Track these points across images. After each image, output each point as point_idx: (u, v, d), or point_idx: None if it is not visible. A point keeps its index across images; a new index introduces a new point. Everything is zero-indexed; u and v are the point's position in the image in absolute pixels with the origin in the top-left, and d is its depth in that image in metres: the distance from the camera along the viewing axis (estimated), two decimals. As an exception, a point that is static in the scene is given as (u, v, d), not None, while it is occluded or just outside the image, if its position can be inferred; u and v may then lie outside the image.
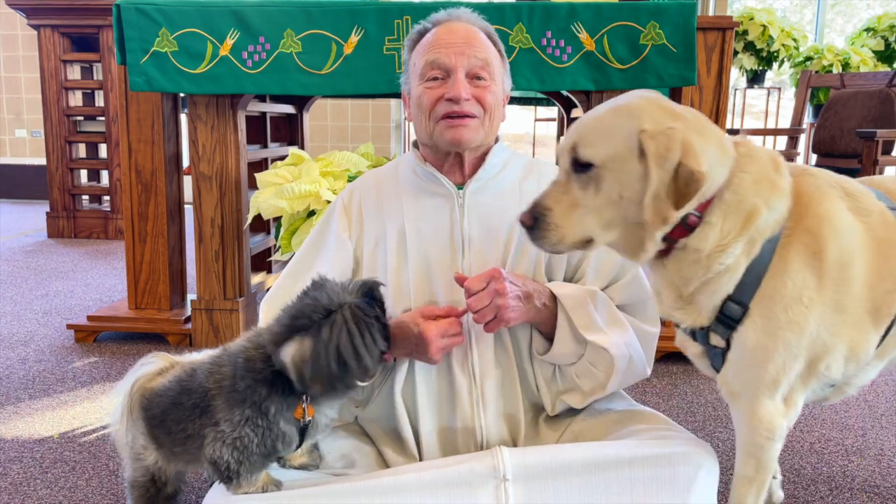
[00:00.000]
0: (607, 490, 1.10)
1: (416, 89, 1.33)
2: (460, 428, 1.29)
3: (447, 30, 1.32)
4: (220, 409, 1.12)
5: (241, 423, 1.10)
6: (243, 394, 1.11)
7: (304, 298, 1.12)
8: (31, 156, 6.96)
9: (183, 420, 1.16)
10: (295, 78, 2.30)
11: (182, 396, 1.17)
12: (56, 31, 4.56)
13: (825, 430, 1.98)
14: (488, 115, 1.31)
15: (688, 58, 2.24)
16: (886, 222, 1.16)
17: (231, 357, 1.17)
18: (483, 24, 1.37)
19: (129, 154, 2.61)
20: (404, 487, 1.09)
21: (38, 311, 3.09)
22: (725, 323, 1.12)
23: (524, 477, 1.10)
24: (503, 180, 1.38)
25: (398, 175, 1.42)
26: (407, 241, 1.33)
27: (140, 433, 1.25)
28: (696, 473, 1.12)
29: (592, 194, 1.07)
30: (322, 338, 1.06)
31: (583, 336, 1.26)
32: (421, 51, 1.33)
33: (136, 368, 1.29)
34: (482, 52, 1.31)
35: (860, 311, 1.12)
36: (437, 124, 1.30)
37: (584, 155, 1.06)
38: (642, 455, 1.12)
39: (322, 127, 6.77)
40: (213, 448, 1.11)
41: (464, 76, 1.28)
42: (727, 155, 1.08)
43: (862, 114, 3.82)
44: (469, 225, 1.33)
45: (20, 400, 2.12)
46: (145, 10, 2.27)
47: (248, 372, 1.12)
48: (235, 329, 2.58)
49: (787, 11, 6.78)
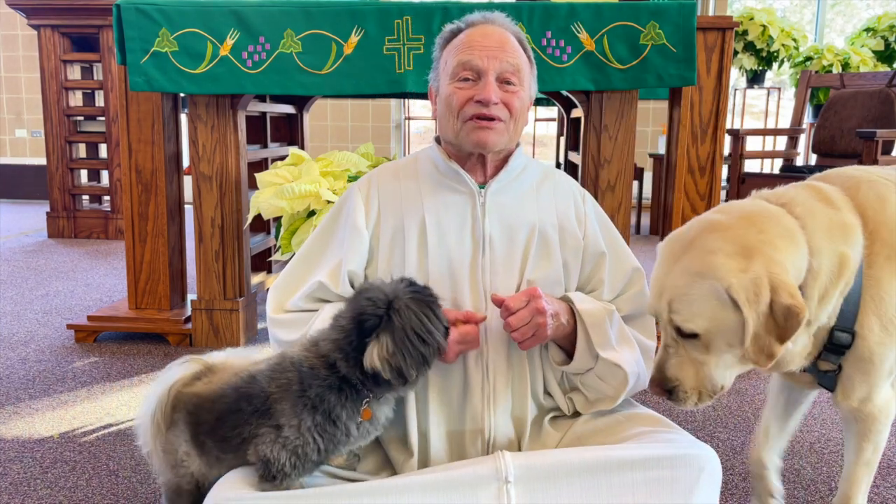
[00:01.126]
0: (609, 492, 1.11)
1: (445, 88, 1.34)
2: (469, 426, 1.30)
3: (482, 33, 1.33)
4: (284, 414, 1.13)
5: (309, 429, 1.12)
6: (314, 401, 1.12)
7: (360, 301, 1.14)
8: (31, 156, 6.97)
9: (240, 425, 1.16)
10: (295, 78, 2.30)
11: (241, 402, 1.17)
12: (56, 31, 4.57)
13: (825, 430, 1.98)
14: (514, 120, 1.34)
15: (688, 58, 2.24)
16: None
17: (294, 364, 1.17)
18: (515, 30, 1.38)
19: (129, 154, 2.61)
20: (406, 488, 1.10)
21: (38, 311, 3.09)
22: (835, 351, 1.17)
23: (526, 479, 1.11)
24: (522, 183, 1.40)
25: (418, 168, 1.42)
26: (428, 235, 1.33)
27: (184, 440, 1.23)
28: (698, 476, 1.12)
29: (706, 353, 1.12)
30: (396, 326, 1.09)
31: (597, 353, 1.28)
32: (453, 50, 1.34)
33: (170, 372, 1.26)
34: (514, 57, 1.33)
35: None
36: (465, 124, 1.31)
37: (687, 329, 1.10)
38: (644, 457, 1.12)
39: (322, 127, 6.78)
40: (270, 449, 1.12)
41: (494, 79, 1.30)
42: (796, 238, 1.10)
43: (862, 114, 3.82)
44: (490, 224, 1.34)
45: (20, 400, 2.12)
46: (145, 10, 2.27)
47: (314, 380, 1.13)
48: (235, 329, 2.58)
49: (787, 11, 6.79)
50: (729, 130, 3.79)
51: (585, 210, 1.42)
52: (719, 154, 2.45)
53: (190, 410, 1.22)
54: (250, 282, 2.69)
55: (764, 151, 5.11)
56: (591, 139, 2.39)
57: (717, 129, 2.44)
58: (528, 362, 1.33)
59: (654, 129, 6.55)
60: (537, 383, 1.35)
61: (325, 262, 1.38)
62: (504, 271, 1.32)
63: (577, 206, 1.42)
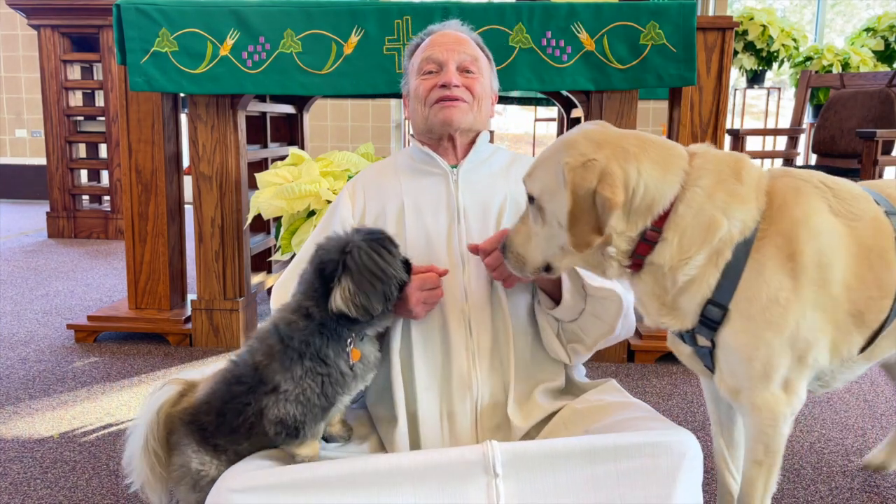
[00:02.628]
0: (595, 484, 1.13)
1: (413, 83, 1.50)
2: (455, 383, 1.36)
3: (440, 35, 1.51)
4: (277, 372, 1.19)
5: (302, 376, 1.19)
6: (299, 349, 1.20)
7: (318, 253, 1.23)
8: (31, 156, 6.97)
9: (243, 409, 1.20)
10: (295, 78, 2.31)
11: (234, 388, 1.22)
12: (56, 31, 4.57)
13: (825, 430, 1.98)
14: (477, 102, 1.47)
15: (688, 58, 2.24)
16: (877, 229, 1.17)
17: (271, 330, 1.24)
18: (472, 34, 1.55)
19: (129, 154, 2.61)
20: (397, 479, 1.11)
21: (38, 311, 3.09)
22: (708, 325, 1.16)
23: (515, 471, 1.13)
24: (492, 165, 1.52)
25: (397, 162, 1.56)
26: (405, 215, 1.44)
27: (192, 452, 1.22)
28: (679, 462, 1.14)
29: (540, 224, 1.17)
30: (352, 269, 1.18)
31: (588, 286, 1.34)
32: (418, 54, 1.51)
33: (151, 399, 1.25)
34: (471, 50, 1.49)
35: (841, 312, 1.14)
36: (432, 108, 1.45)
37: (528, 188, 1.19)
38: (626, 444, 1.14)
39: (322, 127, 6.78)
40: (277, 409, 1.19)
41: (455, 68, 1.46)
42: (673, 171, 1.12)
43: (862, 114, 3.82)
44: (463, 197, 1.45)
45: (20, 400, 2.12)
46: (145, 10, 2.27)
47: (295, 332, 1.21)
48: (235, 329, 2.58)
49: (787, 11, 6.78)
50: (729, 130, 3.79)
51: None
52: (719, 154, 2.45)
53: (187, 422, 1.23)
54: (250, 282, 2.69)
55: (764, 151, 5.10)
56: (591, 139, 2.38)
57: (717, 129, 2.44)
58: (513, 321, 1.40)
59: (654, 129, 6.55)
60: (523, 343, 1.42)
61: None
62: (479, 237, 1.40)
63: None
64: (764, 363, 1.13)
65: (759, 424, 1.18)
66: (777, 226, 1.13)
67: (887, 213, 1.20)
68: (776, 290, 1.10)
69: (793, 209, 1.13)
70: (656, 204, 1.11)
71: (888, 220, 1.18)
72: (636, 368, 2.44)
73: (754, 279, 1.11)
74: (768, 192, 1.16)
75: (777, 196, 1.15)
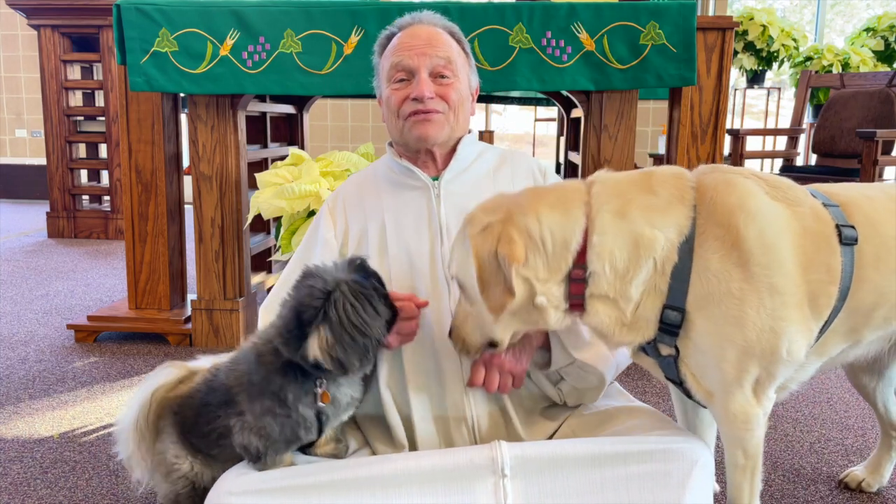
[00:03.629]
0: (603, 486, 1.11)
1: (384, 91, 1.40)
2: (451, 412, 1.31)
3: (410, 33, 1.38)
4: (244, 402, 1.18)
5: (261, 413, 1.16)
6: (260, 386, 1.17)
7: (301, 289, 1.16)
8: (31, 156, 6.97)
9: (213, 420, 1.20)
10: (295, 78, 2.31)
11: (209, 396, 1.21)
12: (56, 31, 4.56)
13: (825, 430, 1.98)
14: (453, 111, 1.37)
15: (688, 58, 2.24)
16: (818, 216, 1.16)
17: (245, 355, 1.22)
18: (446, 24, 1.42)
19: (129, 154, 2.61)
20: (404, 480, 1.10)
21: (38, 311, 3.09)
22: (668, 331, 1.13)
23: (522, 472, 1.12)
24: (477, 170, 1.44)
25: (377, 174, 1.47)
26: (387, 234, 1.38)
27: (171, 442, 1.24)
28: (691, 469, 1.13)
29: (469, 303, 1.17)
30: (331, 318, 1.11)
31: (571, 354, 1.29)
32: (387, 55, 1.39)
33: (151, 379, 1.27)
34: (444, 51, 1.37)
35: (798, 293, 1.11)
36: (405, 122, 1.36)
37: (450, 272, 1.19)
38: (637, 451, 1.13)
39: (322, 127, 6.78)
40: (241, 436, 1.17)
41: (427, 75, 1.34)
42: (573, 208, 1.13)
43: (862, 114, 3.82)
44: (446, 213, 1.38)
45: (20, 400, 2.12)
46: (145, 10, 2.27)
47: (261, 366, 1.18)
48: (235, 329, 2.58)
49: (787, 11, 6.78)
50: (729, 130, 3.79)
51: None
52: (719, 154, 2.45)
53: (175, 411, 1.24)
54: (250, 282, 2.69)
55: (764, 151, 5.10)
56: (591, 139, 2.39)
57: (717, 129, 2.44)
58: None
59: (654, 129, 6.55)
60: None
61: None
62: None
63: (538, 183, 1.44)
64: (733, 364, 1.11)
65: (734, 430, 1.16)
66: (714, 217, 1.11)
67: (825, 204, 1.19)
68: (727, 283, 1.08)
69: (726, 198, 1.12)
70: (568, 242, 1.11)
71: (826, 211, 1.17)
72: (635, 368, 2.43)
73: (703, 276, 1.10)
74: (697, 188, 1.14)
75: (707, 190, 1.14)
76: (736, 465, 1.19)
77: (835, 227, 1.15)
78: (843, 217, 1.17)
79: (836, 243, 1.14)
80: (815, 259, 1.12)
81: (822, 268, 1.12)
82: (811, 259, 1.12)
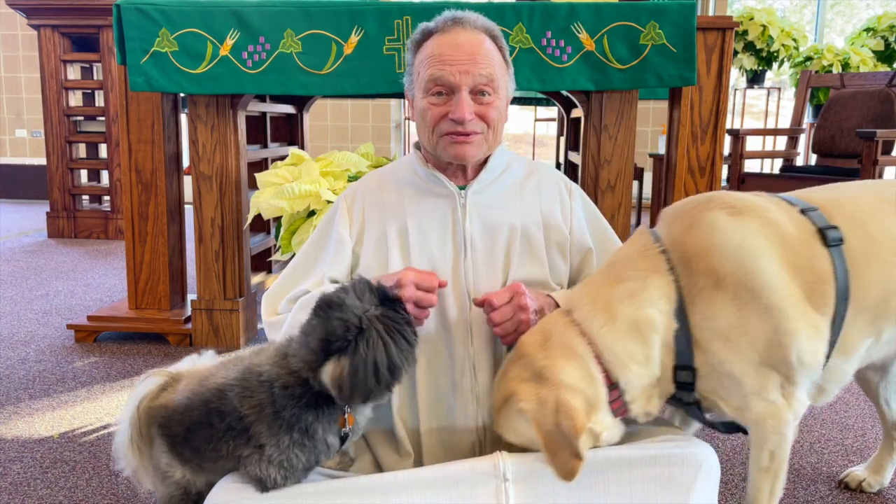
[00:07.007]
0: (606, 490, 1.11)
1: (419, 101, 1.32)
2: (460, 424, 1.30)
3: (452, 43, 1.28)
4: (264, 435, 1.12)
5: (289, 446, 1.12)
6: (289, 421, 1.12)
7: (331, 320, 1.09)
8: (31, 156, 6.97)
9: (215, 440, 1.16)
10: (295, 78, 2.30)
11: (213, 418, 1.16)
12: (56, 31, 4.56)
13: (825, 430, 1.98)
14: (492, 130, 1.32)
15: (688, 58, 2.24)
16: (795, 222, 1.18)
17: (264, 383, 1.15)
18: (487, 26, 1.34)
19: (129, 154, 2.61)
20: (404, 486, 1.10)
21: (38, 311, 3.09)
22: (685, 387, 1.18)
23: (525, 477, 1.11)
24: (505, 182, 1.40)
25: (399, 176, 1.42)
26: (409, 240, 1.34)
27: (162, 452, 1.23)
28: (695, 474, 1.12)
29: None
30: (360, 354, 1.06)
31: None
32: (425, 62, 1.31)
33: (137, 389, 1.26)
34: (486, 66, 1.28)
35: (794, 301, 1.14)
36: (441, 139, 1.31)
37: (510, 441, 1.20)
38: (642, 456, 1.13)
39: (322, 127, 6.78)
40: (258, 468, 1.13)
41: (468, 94, 1.27)
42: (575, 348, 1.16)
43: (862, 114, 3.82)
44: (471, 225, 1.34)
45: (20, 400, 2.12)
46: (145, 10, 2.27)
47: (289, 399, 1.12)
48: (235, 329, 2.58)
49: (787, 11, 6.78)
50: (729, 130, 3.79)
51: (572, 205, 1.42)
52: (719, 154, 2.45)
53: (161, 423, 1.22)
54: (250, 282, 2.69)
55: (764, 151, 5.10)
56: (591, 139, 2.39)
57: (717, 129, 2.44)
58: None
59: (654, 129, 6.55)
60: None
61: (314, 272, 1.41)
62: (487, 272, 1.33)
63: (563, 200, 1.42)
64: (753, 377, 1.14)
65: (763, 432, 1.18)
66: (692, 269, 1.15)
67: (804, 210, 1.21)
68: (726, 320, 1.12)
69: (695, 245, 1.16)
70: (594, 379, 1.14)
71: (803, 216, 1.20)
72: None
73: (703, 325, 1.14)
74: (669, 248, 1.18)
75: (677, 246, 1.18)
76: (760, 467, 1.21)
77: (816, 231, 1.17)
78: (825, 219, 1.19)
79: (818, 245, 1.16)
80: (799, 264, 1.15)
81: (807, 271, 1.15)
82: (796, 265, 1.15)
